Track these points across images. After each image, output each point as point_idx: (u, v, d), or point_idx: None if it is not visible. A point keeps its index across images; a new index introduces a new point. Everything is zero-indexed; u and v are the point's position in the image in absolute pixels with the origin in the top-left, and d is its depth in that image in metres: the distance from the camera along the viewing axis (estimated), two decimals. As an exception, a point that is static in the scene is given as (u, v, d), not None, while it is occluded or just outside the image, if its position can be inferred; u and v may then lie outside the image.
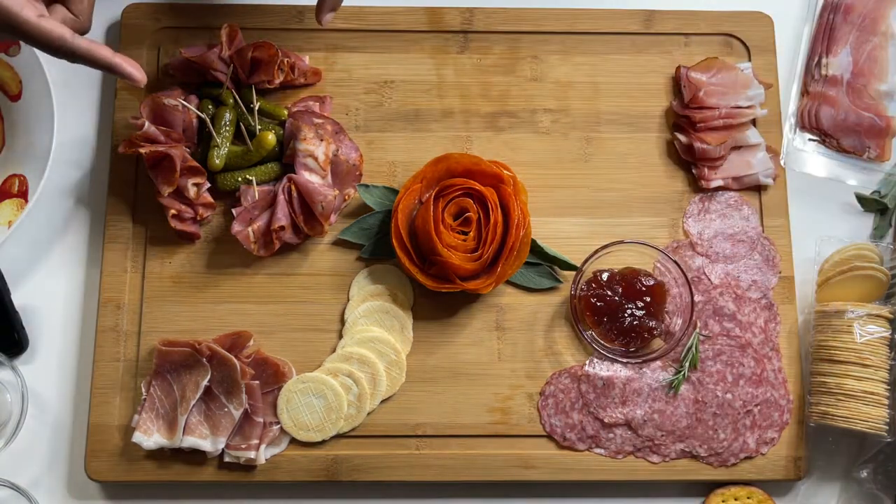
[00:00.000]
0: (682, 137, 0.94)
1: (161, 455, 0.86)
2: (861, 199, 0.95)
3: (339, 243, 0.92)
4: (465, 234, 0.87)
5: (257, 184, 0.89)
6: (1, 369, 0.87)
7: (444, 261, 0.85)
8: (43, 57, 0.91)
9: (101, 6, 0.98)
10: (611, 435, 0.87)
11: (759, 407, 0.88)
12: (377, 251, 0.91)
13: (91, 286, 0.91)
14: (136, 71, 0.78)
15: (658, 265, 0.90)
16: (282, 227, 0.87)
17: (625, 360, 0.87)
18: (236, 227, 0.88)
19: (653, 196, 0.94)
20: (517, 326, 0.90)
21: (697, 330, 0.89)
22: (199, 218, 0.90)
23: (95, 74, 0.97)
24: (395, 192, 0.91)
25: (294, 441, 0.86)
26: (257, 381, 0.86)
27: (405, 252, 0.87)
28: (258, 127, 0.90)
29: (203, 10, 0.96)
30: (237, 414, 0.85)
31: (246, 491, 0.87)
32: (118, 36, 0.96)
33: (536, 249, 0.91)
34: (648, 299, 0.87)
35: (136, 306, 0.89)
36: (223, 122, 0.89)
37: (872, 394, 0.84)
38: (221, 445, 0.85)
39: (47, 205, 0.93)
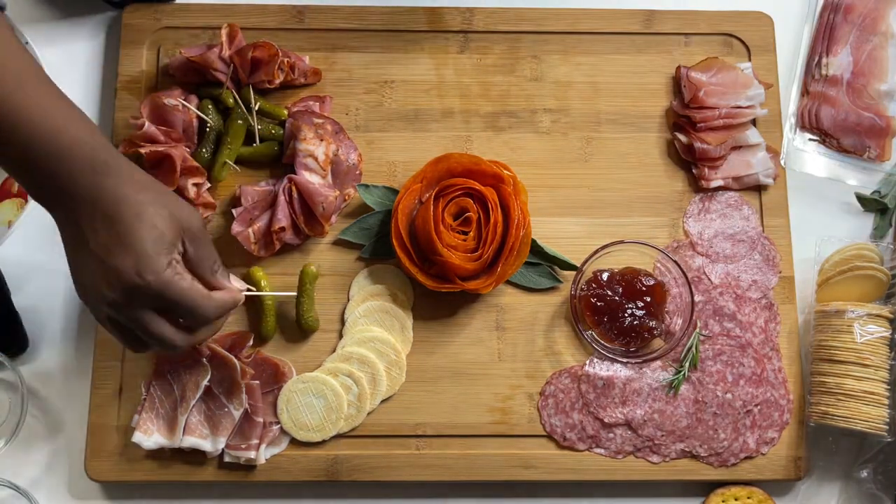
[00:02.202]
0: (682, 137, 0.94)
1: (161, 455, 0.86)
2: (861, 199, 0.95)
3: (340, 243, 0.92)
4: (465, 234, 0.87)
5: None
6: (1, 369, 0.87)
7: (444, 261, 0.85)
8: (43, 57, 0.90)
9: (100, 6, 0.98)
10: (611, 435, 0.87)
11: (759, 407, 0.88)
12: (377, 251, 0.91)
13: (91, 286, 0.91)
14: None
15: (658, 265, 0.90)
16: (282, 228, 0.87)
17: (625, 360, 0.87)
18: (236, 228, 0.88)
19: (653, 196, 0.94)
20: (517, 326, 0.90)
21: (697, 330, 0.89)
22: (199, 218, 0.90)
23: (95, 74, 0.97)
24: (395, 192, 0.91)
25: (294, 441, 0.86)
26: (257, 381, 0.86)
27: (405, 252, 0.87)
28: (258, 127, 0.90)
29: (203, 10, 0.96)
30: (237, 414, 0.85)
31: (246, 491, 0.87)
32: (118, 36, 0.96)
33: (536, 249, 0.91)
34: (648, 299, 0.87)
35: (136, 306, 0.89)
36: (233, 135, 0.90)
37: (872, 394, 0.84)
38: (221, 445, 0.85)
39: (47, 205, 0.92)
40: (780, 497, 0.89)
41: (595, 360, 0.89)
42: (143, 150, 0.87)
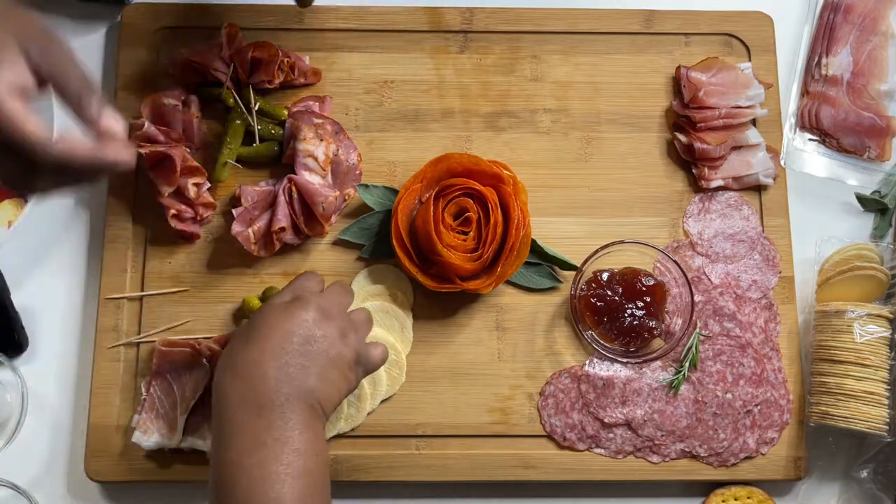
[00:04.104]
0: (682, 137, 0.94)
1: (161, 455, 0.86)
2: (861, 199, 0.95)
3: (339, 243, 0.92)
4: (465, 234, 0.87)
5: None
6: (1, 369, 0.87)
7: (444, 261, 0.85)
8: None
9: (100, 6, 0.98)
10: (611, 435, 0.87)
11: (759, 407, 0.88)
12: (377, 251, 0.91)
13: (91, 286, 0.91)
14: (123, 154, 0.63)
15: (658, 265, 0.90)
16: (282, 229, 0.87)
17: (625, 360, 0.87)
18: (236, 228, 0.88)
19: (653, 196, 0.94)
20: (517, 326, 0.90)
21: (697, 330, 0.89)
22: (199, 218, 0.90)
23: (95, 74, 0.96)
24: (395, 192, 0.91)
25: (294, 441, 0.86)
26: (257, 381, 0.86)
27: (405, 252, 0.87)
28: (258, 127, 0.90)
29: (203, 10, 0.96)
30: (237, 414, 0.85)
31: (246, 491, 0.87)
32: (118, 36, 0.96)
33: (536, 249, 0.91)
34: (648, 299, 0.87)
35: (136, 306, 0.89)
36: (233, 135, 0.89)
37: (872, 394, 0.84)
38: (221, 445, 0.85)
39: (47, 205, 0.92)
40: (780, 497, 0.88)
41: (595, 360, 0.89)
42: (143, 151, 0.87)
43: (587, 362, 0.89)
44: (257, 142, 0.91)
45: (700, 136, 0.92)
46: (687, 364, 0.88)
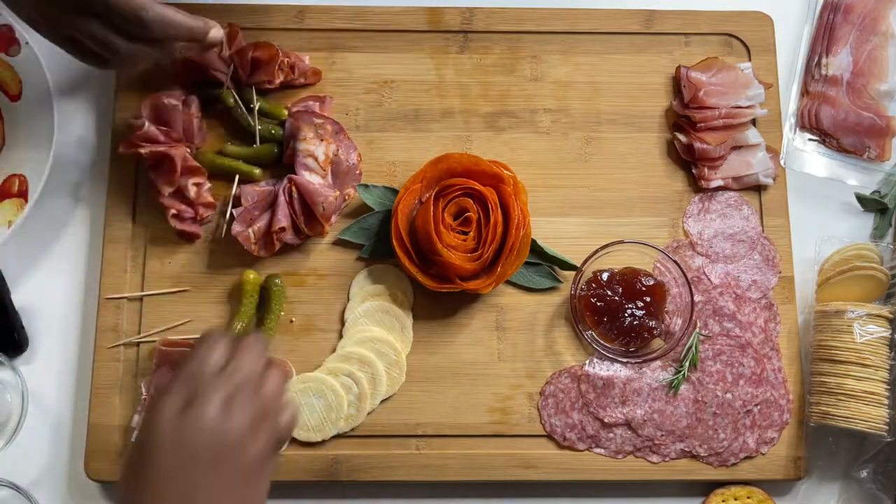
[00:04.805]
0: (682, 137, 0.94)
1: (161, 455, 0.86)
2: (861, 199, 0.95)
3: (339, 243, 0.92)
4: (465, 234, 0.87)
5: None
6: (1, 369, 0.87)
7: (444, 261, 0.85)
8: (43, 57, 0.90)
9: (101, 6, 0.98)
10: (611, 435, 0.87)
11: (759, 407, 0.88)
12: (377, 251, 0.91)
13: (91, 286, 0.91)
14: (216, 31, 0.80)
15: (658, 265, 0.90)
16: (282, 229, 0.87)
17: (625, 360, 0.87)
18: (237, 228, 0.88)
19: (653, 196, 0.94)
20: (517, 326, 0.90)
21: (697, 330, 0.89)
22: (199, 218, 0.90)
23: (95, 74, 0.96)
24: (395, 192, 0.91)
25: (294, 441, 0.86)
26: (257, 381, 0.86)
27: (405, 252, 0.87)
28: (258, 127, 0.90)
29: (203, 10, 0.96)
30: (237, 414, 0.85)
31: (246, 491, 0.87)
32: (118, 36, 0.96)
33: (536, 249, 0.91)
34: (648, 299, 0.87)
35: (136, 306, 0.89)
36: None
37: (872, 394, 0.84)
38: (221, 445, 0.84)
39: (47, 205, 0.93)
40: (780, 497, 0.89)
41: (595, 360, 0.89)
42: (143, 150, 0.87)
43: (587, 362, 0.89)
44: (257, 142, 0.91)
45: (700, 136, 0.92)
46: (687, 364, 0.88)
